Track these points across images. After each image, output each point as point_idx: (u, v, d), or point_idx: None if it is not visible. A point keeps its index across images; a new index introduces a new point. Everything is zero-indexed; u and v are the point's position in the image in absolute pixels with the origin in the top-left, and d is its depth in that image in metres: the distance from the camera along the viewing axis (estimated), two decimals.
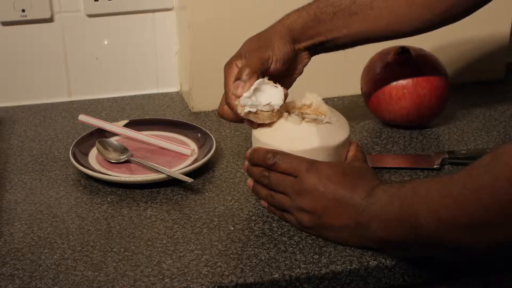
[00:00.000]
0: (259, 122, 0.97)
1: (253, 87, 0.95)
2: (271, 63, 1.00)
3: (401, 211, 0.83)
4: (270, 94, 0.96)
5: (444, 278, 0.93)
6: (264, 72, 0.99)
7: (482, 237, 0.77)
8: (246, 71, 0.97)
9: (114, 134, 1.18)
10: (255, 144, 0.99)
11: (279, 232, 0.95)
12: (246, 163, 0.99)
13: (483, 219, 0.76)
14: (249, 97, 0.95)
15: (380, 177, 1.03)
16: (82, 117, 1.21)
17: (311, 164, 0.93)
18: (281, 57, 1.01)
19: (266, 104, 0.95)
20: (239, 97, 0.96)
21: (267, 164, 0.95)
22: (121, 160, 1.10)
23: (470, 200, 0.76)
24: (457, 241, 0.79)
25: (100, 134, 1.17)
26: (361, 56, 1.03)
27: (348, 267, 0.89)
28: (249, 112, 0.95)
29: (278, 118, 0.97)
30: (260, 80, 0.96)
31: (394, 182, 1.04)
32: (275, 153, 0.95)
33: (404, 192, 0.84)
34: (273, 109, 0.96)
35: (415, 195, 0.82)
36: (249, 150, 0.98)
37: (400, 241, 0.85)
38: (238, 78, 0.97)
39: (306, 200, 0.91)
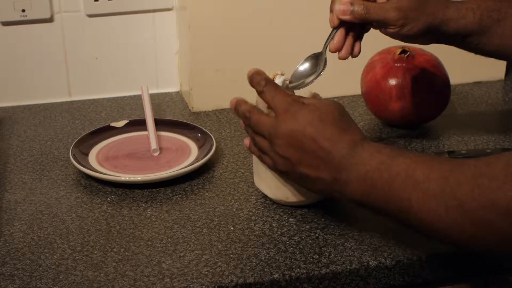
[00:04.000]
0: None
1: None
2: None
3: (391, 188, 0.79)
4: None
5: (444, 278, 0.93)
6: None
7: (484, 236, 0.76)
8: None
9: (112, 134, 1.18)
10: None
11: (279, 232, 0.95)
12: (234, 99, 0.93)
13: (484, 216, 0.74)
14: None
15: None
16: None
17: (290, 104, 0.87)
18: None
19: None
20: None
21: (256, 89, 0.91)
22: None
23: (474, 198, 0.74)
24: (455, 238, 0.77)
25: (100, 134, 1.17)
26: (361, 56, 1.03)
27: (348, 267, 0.89)
28: None
29: None
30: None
31: (379, 143, 0.88)
32: (268, 81, 0.90)
33: (396, 169, 0.79)
34: None
35: (410, 178, 0.78)
36: (251, 71, 0.93)
37: (379, 210, 0.82)
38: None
39: (282, 146, 0.87)
